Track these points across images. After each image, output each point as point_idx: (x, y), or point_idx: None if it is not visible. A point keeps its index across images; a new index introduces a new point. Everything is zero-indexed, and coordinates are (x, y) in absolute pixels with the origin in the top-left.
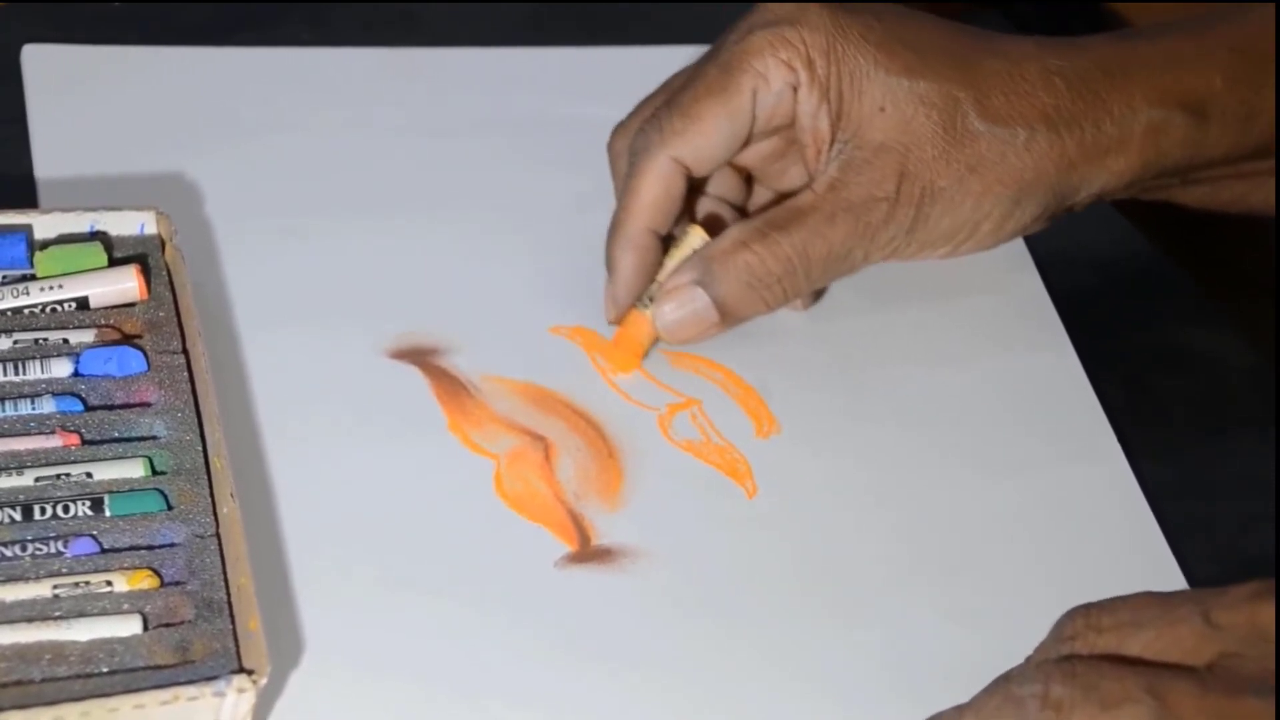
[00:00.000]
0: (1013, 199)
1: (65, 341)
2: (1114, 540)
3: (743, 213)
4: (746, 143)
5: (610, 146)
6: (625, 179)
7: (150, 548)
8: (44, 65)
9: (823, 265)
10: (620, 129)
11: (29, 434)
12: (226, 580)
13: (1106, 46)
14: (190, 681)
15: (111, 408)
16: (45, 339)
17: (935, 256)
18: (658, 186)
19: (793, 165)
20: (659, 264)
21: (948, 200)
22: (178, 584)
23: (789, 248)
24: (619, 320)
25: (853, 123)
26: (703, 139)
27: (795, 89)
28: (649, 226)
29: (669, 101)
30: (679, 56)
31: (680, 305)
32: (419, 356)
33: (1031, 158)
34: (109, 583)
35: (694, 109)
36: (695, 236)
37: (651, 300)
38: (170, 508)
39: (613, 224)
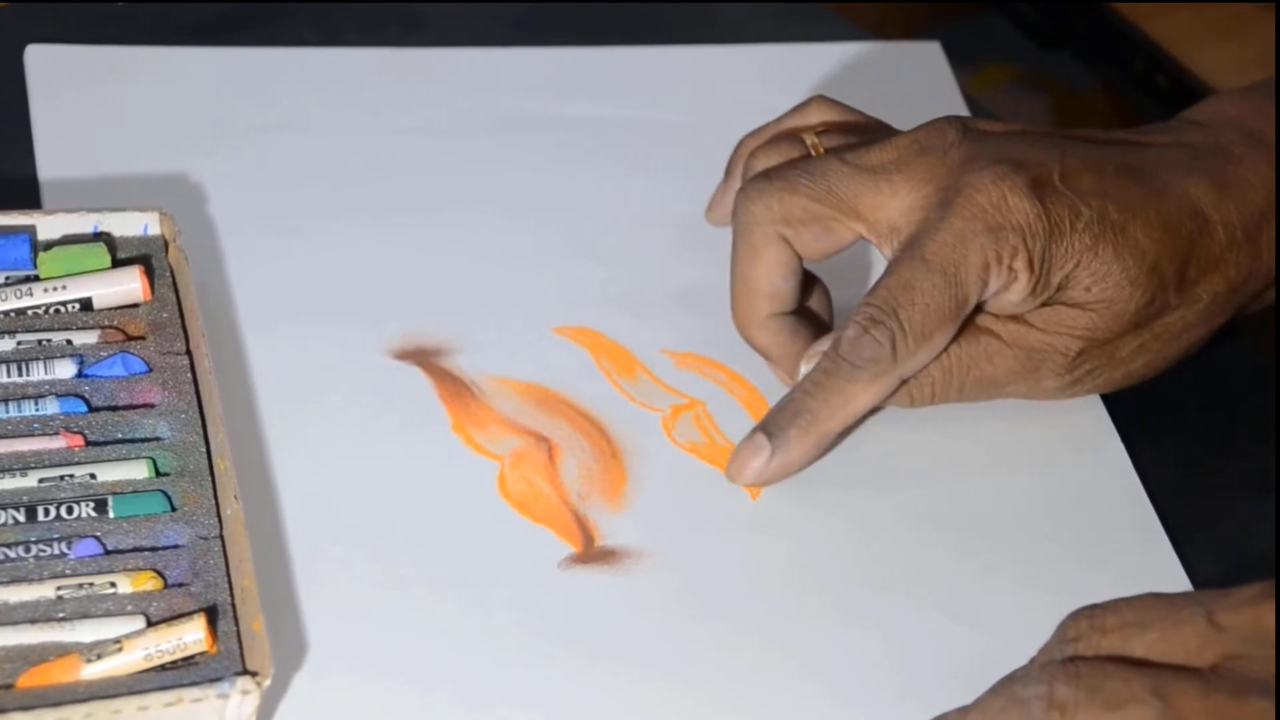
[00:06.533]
0: (1176, 352)
1: (69, 342)
2: (1118, 540)
3: None
4: None
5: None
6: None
7: (154, 549)
8: (47, 66)
9: (977, 385)
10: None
11: (33, 435)
12: (230, 582)
13: (1266, 168)
14: (194, 683)
15: (115, 409)
16: (49, 340)
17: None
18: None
19: None
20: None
21: (1123, 364)
22: (181, 585)
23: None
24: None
25: (1055, 296)
26: (929, 355)
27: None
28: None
29: (892, 310)
30: (679, 56)
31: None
32: (422, 357)
33: (1205, 320)
34: (113, 584)
35: (926, 330)
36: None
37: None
38: (174, 509)
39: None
